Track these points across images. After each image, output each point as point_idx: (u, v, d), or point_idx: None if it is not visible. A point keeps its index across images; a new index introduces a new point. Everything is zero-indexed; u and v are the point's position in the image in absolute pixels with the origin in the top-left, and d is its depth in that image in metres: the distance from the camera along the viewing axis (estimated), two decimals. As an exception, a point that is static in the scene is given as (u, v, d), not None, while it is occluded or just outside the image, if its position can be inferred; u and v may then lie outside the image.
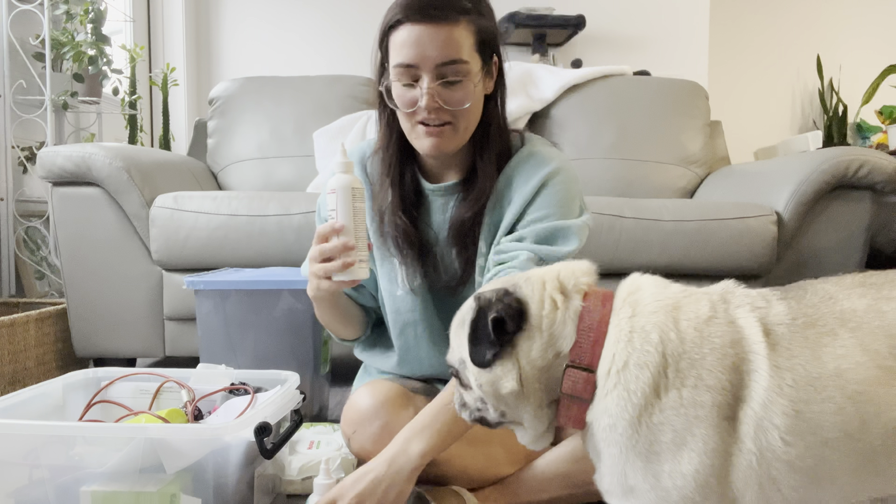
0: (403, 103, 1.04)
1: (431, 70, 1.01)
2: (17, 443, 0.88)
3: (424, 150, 1.07)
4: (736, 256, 1.81)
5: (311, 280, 1.02)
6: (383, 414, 1.09)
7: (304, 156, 2.44)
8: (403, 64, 1.01)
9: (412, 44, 1.00)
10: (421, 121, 1.04)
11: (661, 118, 2.45)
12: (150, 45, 3.21)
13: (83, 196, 1.89)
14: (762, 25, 4.50)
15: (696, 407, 0.65)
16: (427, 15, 0.99)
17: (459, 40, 1.01)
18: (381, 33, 1.05)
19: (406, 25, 1.00)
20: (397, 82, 1.04)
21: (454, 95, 1.03)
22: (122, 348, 1.92)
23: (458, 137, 1.07)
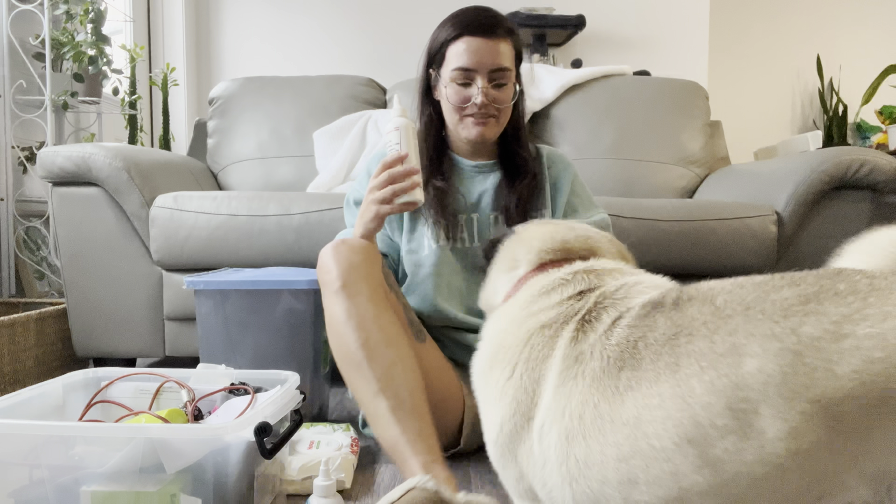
0: (458, 100, 1.32)
1: (485, 74, 1.30)
2: (17, 443, 0.88)
3: (471, 137, 1.34)
4: (736, 256, 1.81)
5: (370, 209, 1.17)
6: None
7: (304, 156, 2.44)
8: (463, 68, 1.29)
9: (472, 52, 1.29)
10: (469, 114, 1.32)
11: (661, 118, 2.45)
12: (150, 45, 3.21)
13: (83, 196, 1.89)
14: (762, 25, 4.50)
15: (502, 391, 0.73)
16: (484, 31, 1.28)
17: (506, 52, 1.31)
18: (438, 44, 1.33)
19: (465, 38, 1.29)
20: (453, 83, 1.31)
21: (500, 95, 1.32)
22: (122, 348, 1.92)
23: (498, 128, 1.35)
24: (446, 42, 1.31)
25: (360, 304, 1.10)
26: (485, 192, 1.39)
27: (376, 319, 1.09)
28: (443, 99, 1.36)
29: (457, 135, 1.38)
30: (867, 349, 0.50)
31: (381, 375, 1.05)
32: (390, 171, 1.14)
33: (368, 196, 1.17)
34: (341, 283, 1.12)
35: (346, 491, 1.17)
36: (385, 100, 2.62)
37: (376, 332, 1.08)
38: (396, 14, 3.30)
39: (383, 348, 1.07)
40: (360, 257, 1.14)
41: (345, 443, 1.26)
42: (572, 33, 3.18)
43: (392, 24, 3.30)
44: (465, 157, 1.42)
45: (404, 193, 1.14)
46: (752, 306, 0.58)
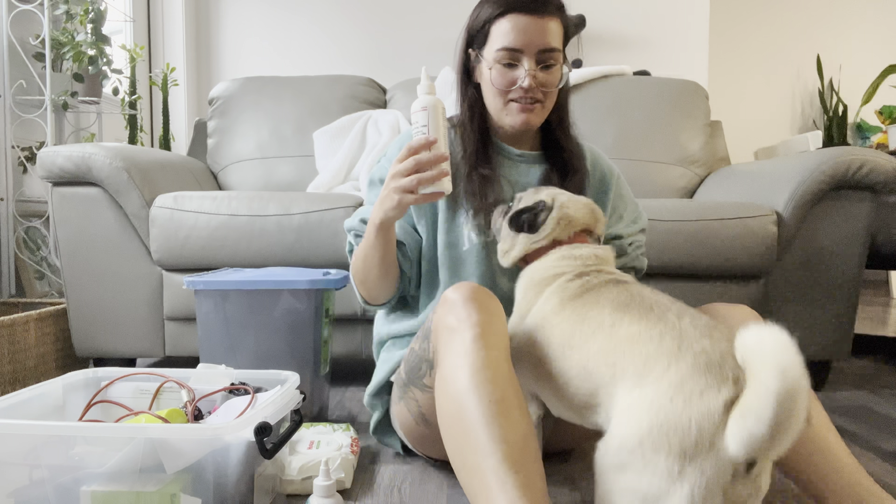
0: (503, 83, 1.19)
1: (534, 55, 1.17)
2: (17, 443, 0.88)
3: (516, 124, 1.22)
4: (736, 256, 1.81)
5: (391, 197, 1.06)
6: None
7: (304, 156, 2.44)
8: (509, 48, 1.17)
9: (519, 31, 1.16)
10: (514, 98, 1.20)
11: (661, 118, 2.45)
12: (150, 45, 3.21)
13: (83, 196, 1.89)
14: (762, 25, 4.50)
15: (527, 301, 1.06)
16: (532, 8, 1.16)
17: (555, 31, 1.18)
18: (480, 22, 1.20)
19: (512, 15, 1.16)
20: (498, 64, 1.18)
21: (548, 78, 1.19)
22: (122, 348, 1.92)
23: (544, 114, 1.24)
24: (490, 19, 1.19)
25: (498, 357, 0.93)
26: (529, 183, 1.27)
27: (512, 380, 0.92)
28: (484, 81, 1.23)
29: (499, 120, 1.24)
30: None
31: (515, 443, 0.84)
32: (417, 157, 1.03)
33: (391, 182, 1.06)
34: (480, 331, 0.94)
35: (346, 491, 1.17)
36: (385, 100, 2.62)
37: (513, 394, 0.90)
38: (396, 14, 3.30)
39: (518, 414, 0.88)
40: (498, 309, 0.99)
41: (345, 443, 1.26)
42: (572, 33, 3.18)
43: (392, 24, 3.30)
44: (509, 145, 1.30)
45: (430, 183, 1.03)
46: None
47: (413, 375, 1.12)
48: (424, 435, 1.16)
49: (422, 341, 1.10)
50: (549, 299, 0.99)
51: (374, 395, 1.29)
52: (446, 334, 0.97)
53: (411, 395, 1.13)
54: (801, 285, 1.87)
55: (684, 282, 1.86)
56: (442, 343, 0.98)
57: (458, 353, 0.93)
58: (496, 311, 0.98)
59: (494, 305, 0.98)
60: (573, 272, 1.01)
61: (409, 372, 1.14)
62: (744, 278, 1.86)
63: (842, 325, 1.88)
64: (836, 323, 1.88)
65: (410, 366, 1.13)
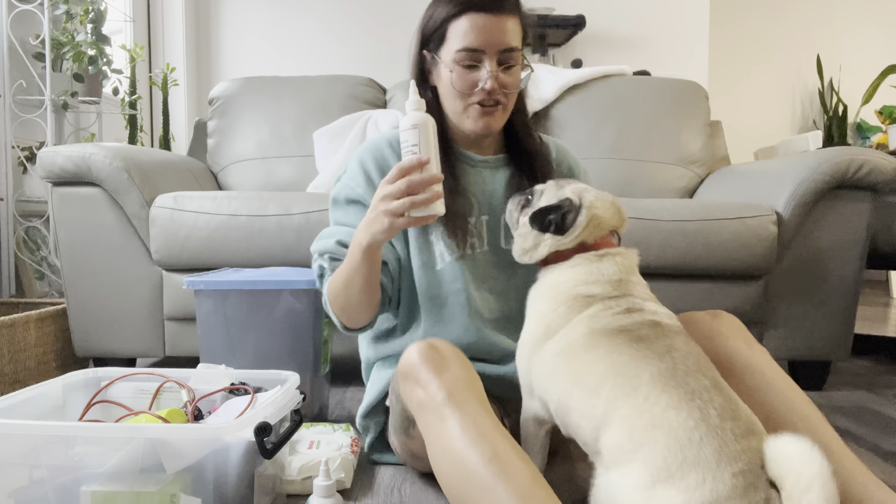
0: (464, 85, 1.15)
1: (495, 55, 1.13)
2: (17, 443, 0.88)
3: (477, 129, 1.18)
4: (736, 256, 1.81)
5: (381, 220, 1.00)
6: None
7: (304, 156, 2.44)
8: (470, 48, 1.12)
9: (479, 30, 1.12)
10: (476, 101, 1.15)
11: (661, 118, 2.45)
12: (150, 45, 3.21)
13: (83, 196, 1.89)
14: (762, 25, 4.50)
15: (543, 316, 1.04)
16: (490, 6, 1.12)
17: (514, 30, 1.14)
18: (437, 22, 1.16)
19: (470, 14, 1.12)
20: (458, 66, 1.14)
21: (509, 79, 1.16)
22: (122, 348, 1.92)
23: (505, 116, 1.20)
24: (447, 19, 1.14)
25: (474, 413, 0.92)
26: (494, 190, 1.23)
27: (496, 428, 0.91)
28: (443, 84, 1.18)
29: (460, 125, 1.20)
30: None
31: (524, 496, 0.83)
32: (409, 179, 0.97)
33: (380, 204, 1.00)
34: (446, 394, 0.94)
35: (346, 491, 1.17)
36: (385, 100, 2.62)
37: (503, 444, 0.88)
38: (397, 14, 3.30)
39: (517, 461, 0.87)
40: (457, 363, 0.99)
41: (345, 443, 1.26)
42: (572, 33, 3.18)
43: (392, 24, 3.30)
44: (469, 150, 1.25)
45: (423, 206, 0.97)
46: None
47: (398, 427, 1.15)
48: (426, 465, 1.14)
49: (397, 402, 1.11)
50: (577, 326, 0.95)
51: (365, 417, 1.26)
52: (420, 411, 0.99)
53: (401, 437, 1.16)
54: (801, 285, 1.87)
55: (684, 282, 1.86)
56: (419, 418, 1.00)
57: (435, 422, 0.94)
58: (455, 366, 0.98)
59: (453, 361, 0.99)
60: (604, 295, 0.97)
61: (394, 422, 1.16)
62: (744, 278, 1.86)
63: (842, 325, 1.88)
64: (836, 323, 1.88)
65: (394, 418, 1.15)
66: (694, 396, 0.81)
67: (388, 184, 0.99)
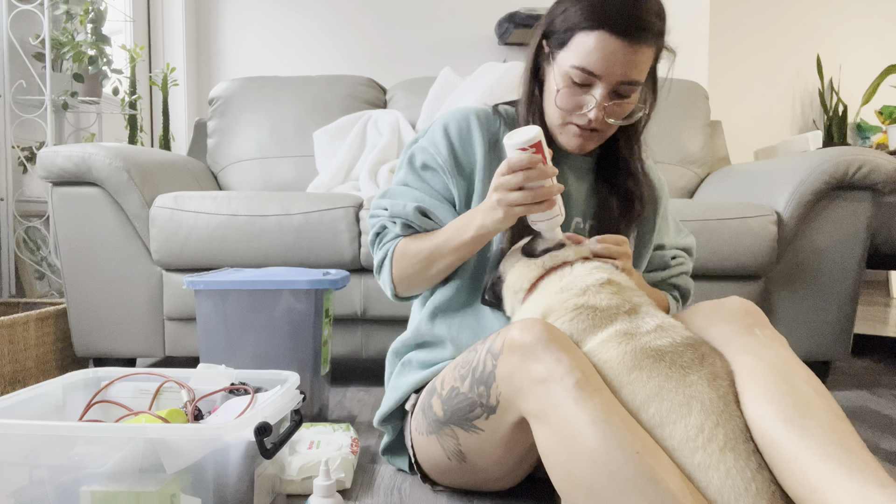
0: (568, 105, 1.06)
1: (611, 84, 1.03)
2: (17, 443, 0.88)
3: (569, 146, 1.11)
4: (736, 256, 1.81)
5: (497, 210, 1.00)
6: None
7: (304, 156, 2.44)
8: (587, 70, 1.02)
9: (604, 55, 1.01)
10: (574, 122, 1.07)
11: (661, 118, 2.44)
12: (150, 45, 3.21)
13: (83, 196, 1.89)
14: (762, 25, 4.50)
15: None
16: (628, 32, 0.99)
17: (645, 62, 1.04)
18: (565, 25, 1.04)
19: (602, 33, 1.00)
20: (569, 80, 1.04)
21: (618, 111, 1.07)
22: (122, 348, 1.92)
23: (601, 141, 1.13)
24: (576, 27, 1.02)
25: (611, 400, 0.85)
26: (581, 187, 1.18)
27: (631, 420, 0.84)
28: (548, 89, 1.10)
29: (552, 133, 1.13)
30: None
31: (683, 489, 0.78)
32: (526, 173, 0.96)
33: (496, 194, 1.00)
34: (581, 376, 0.85)
35: (346, 491, 1.17)
36: (385, 100, 2.62)
37: (644, 435, 0.82)
38: (396, 14, 3.30)
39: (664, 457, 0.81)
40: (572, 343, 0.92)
41: (345, 443, 1.26)
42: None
43: (392, 24, 3.30)
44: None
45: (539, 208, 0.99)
46: None
47: (459, 417, 1.02)
48: (453, 468, 1.10)
49: (477, 386, 0.99)
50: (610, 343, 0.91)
51: (383, 421, 1.24)
52: (537, 386, 0.87)
53: (449, 433, 1.05)
54: (800, 285, 1.87)
55: (684, 282, 1.86)
56: (533, 396, 0.88)
57: (566, 405, 0.83)
58: (574, 347, 0.91)
59: (569, 340, 0.91)
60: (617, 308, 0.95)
61: (452, 412, 1.03)
62: (744, 278, 1.86)
63: (842, 325, 1.88)
64: (835, 323, 1.88)
65: (456, 406, 1.03)
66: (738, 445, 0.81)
67: (503, 174, 0.97)
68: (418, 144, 1.19)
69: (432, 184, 1.17)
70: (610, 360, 0.90)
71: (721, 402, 0.84)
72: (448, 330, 1.17)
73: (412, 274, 1.15)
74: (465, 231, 1.06)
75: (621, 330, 0.92)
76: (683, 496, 0.77)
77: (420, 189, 1.18)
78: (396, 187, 1.20)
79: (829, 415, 0.82)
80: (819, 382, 0.87)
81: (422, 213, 1.15)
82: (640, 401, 0.86)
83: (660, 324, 0.93)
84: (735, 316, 0.97)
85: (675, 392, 0.85)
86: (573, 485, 0.83)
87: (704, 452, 0.81)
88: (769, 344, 0.92)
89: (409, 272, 1.15)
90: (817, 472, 0.76)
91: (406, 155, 1.21)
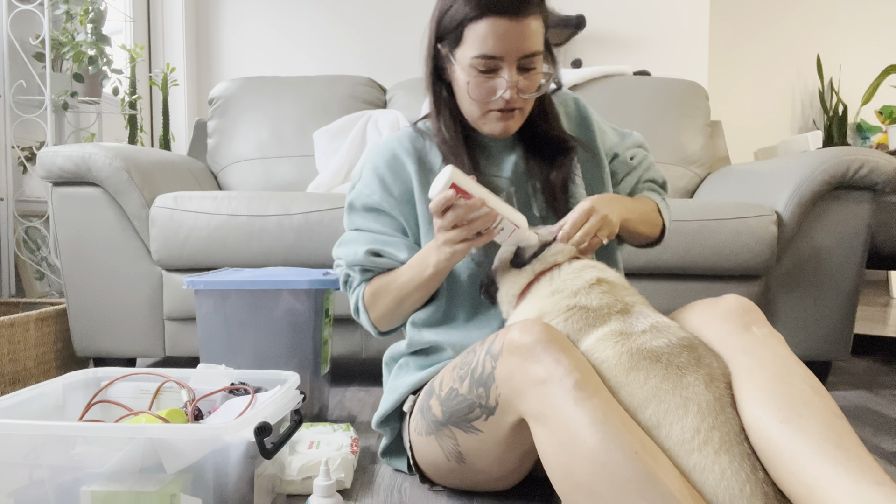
0: (482, 93, 1.09)
1: (514, 62, 1.07)
2: (17, 443, 0.88)
3: (495, 133, 1.14)
4: (736, 256, 1.81)
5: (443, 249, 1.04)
6: None
7: (304, 156, 2.44)
8: (488, 55, 1.05)
9: (499, 37, 1.04)
10: (495, 108, 1.10)
11: (661, 118, 2.45)
12: (150, 45, 3.21)
13: (83, 196, 1.89)
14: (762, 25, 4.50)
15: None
16: (513, 11, 1.04)
17: (538, 32, 1.07)
18: (454, 22, 1.08)
19: (489, 19, 1.04)
20: (473, 71, 1.08)
21: (529, 84, 1.10)
22: (122, 348, 1.92)
23: (523, 118, 1.15)
24: (465, 20, 1.06)
25: (609, 400, 0.85)
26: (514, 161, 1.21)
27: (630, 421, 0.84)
28: (458, 86, 1.13)
29: (476, 126, 1.17)
30: None
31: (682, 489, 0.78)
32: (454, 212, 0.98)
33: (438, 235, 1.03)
34: (580, 376, 0.85)
35: (346, 491, 1.17)
36: (385, 100, 2.62)
37: (643, 436, 0.83)
38: (396, 14, 3.30)
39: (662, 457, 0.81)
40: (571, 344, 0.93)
41: (345, 443, 1.26)
42: (572, 33, 3.18)
43: (392, 24, 3.30)
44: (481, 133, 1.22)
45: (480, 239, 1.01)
46: None
47: (458, 418, 1.03)
48: (452, 469, 1.10)
49: (476, 387, 0.99)
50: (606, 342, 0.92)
51: (381, 424, 1.24)
52: (536, 387, 0.87)
53: (448, 433, 1.05)
54: (800, 285, 1.87)
55: (684, 282, 1.86)
56: (533, 397, 0.88)
57: (566, 406, 0.84)
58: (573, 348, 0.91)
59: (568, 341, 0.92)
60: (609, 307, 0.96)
61: (451, 413, 1.03)
62: (744, 278, 1.86)
63: (842, 325, 1.88)
64: (836, 323, 1.88)
65: (454, 408, 1.03)
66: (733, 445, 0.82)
67: (437, 216, 1.01)
68: (355, 191, 1.23)
69: (379, 223, 1.20)
70: (607, 361, 0.91)
71: (717, 404, 0.84)
72: (437, 336, 1.19)
73: (386, 313, 1.18)
74: (425, 269, 1.10)
75: (616, 329, 0.93)
76: (682, 496, 0.77)
77: (369, 230, 1.21)
78: (348, 234, 1.24)
79: (827, 413, 0.82)
80: (816, 380, 0.88)
81: (376, 255, 1.18)
82: (638, 402, 0.87)
83: (654, 323, 0.94)
84: (732, 314, 0.97)
85: (672, 394, 0.85)
86: (573, 485, 0.83)
87: (700, 454, 0.81)
88: (766, 342, 0.92)
89: (383, 312, 1.18)
90: (814, 471, 0.76)
91: (347, 203, 1.24)
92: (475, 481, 1.10)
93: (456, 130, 1.17)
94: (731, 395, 0.87)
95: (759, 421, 0.82)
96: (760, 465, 0.81)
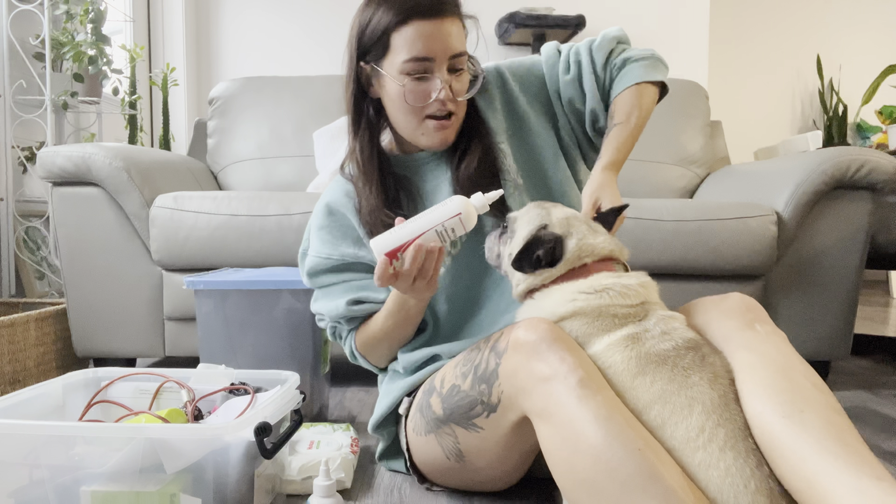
0: (417, 97, 1.08)
1: (445, 62, 1.08)
2: (17, 443, 0.88)
3: (434, 144, 1.14)
4: (736, 256, 1.81)
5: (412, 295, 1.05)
6: None
7: (304, 156, 2.44)
8: (419, 57, 1.06)
9: (426, 38, 1.05)
10: (430, 115, 1.10)
11: (661, 118, 2.45)
12: (150, 45, 3.21)
13: (83, 196, 1.89)
14: (762, 25, 4.50)
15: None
16: (434, 12, 1.05)
17: (460, 33, 1.09)
18: (377, 33, 1.08)
19: (414, 22, 1.05)
20: (407, 77, 1.07)
21: (461, 86, 1.11)
22: (122, 348, 1.92)
23: (458, 125, 1.15)
24: (389, 29, 1.06)
25: (613, 399, 0.85)
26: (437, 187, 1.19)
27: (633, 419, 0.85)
28: (390, 99, 1.12)
29: (414, 140, 1.15)
30: None
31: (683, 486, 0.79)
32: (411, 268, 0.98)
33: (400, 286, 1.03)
34: (584, 374, 0.85)
35: (346, 491, 1.17)
36: (385, 100, 2.62)
37: (646, 433, 0.83)
38: (396, 14, 3.30)
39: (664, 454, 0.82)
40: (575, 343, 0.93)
41: (345, 443, 1.26)
42: (572, 33, 3.18)
43: (392, 24, 3.30)
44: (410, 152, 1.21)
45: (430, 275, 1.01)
46: None
47: (459, 415, 1.02)
48: (451, 468, 1.10)
49: (478, 384, 0.99)
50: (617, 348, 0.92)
51: (377, 428, 1.24)
52: (540, 384, 0.88)
53: (449, 431, 1.05)
54: (800, 285, 1.87)
55: (684, 282, 1.86)
56: (536, 394, 0.88)
57: (570, 403, 0.84)
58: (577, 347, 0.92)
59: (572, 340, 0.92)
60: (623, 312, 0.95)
61: (452, 410, 1.03)
62: (743, 278, 1.86)
63: (842, 325, 1.89)
64: (835, 323, 1.88)
65: (456, 404, 1.02)
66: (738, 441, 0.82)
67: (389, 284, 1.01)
68: (309, 260, 1.22)
69: (345, 275, 1.21)
70: (615, 365, 0.91)
71: (721, 401, 0.85)
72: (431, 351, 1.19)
73: (382, 352, 1.21)
74: (406, 311, 1.12)
75: (628, 334, 0.93)
76: (684, 492, 0.77)
77: (339, 281, 1.21)
78: (319, 291, 1.23)
79: (828, 409, 0.82)
80: (818, 377, 0.88)
81: (357, 302, 1.18)
82: (644, 404, 0.87)
83: (664, 330, 0.93)
84: (736, 312, 0.98)
85: (678, 394, 0.86)
86: (576, 482, 0.83)
87: (705, 451, 0.81)
88: (769, 339, 0.93)
89: (378, 352, 1.21)
90: (814, 466, 0.76)
91: (306, 272, 1.23)
92: (474, 480, 1.10)
93: (371, 152, 1.16)
94: (735, 392, 0.87)
95: (761, 416, 0.83)
96: (765, 461, 0.81)
